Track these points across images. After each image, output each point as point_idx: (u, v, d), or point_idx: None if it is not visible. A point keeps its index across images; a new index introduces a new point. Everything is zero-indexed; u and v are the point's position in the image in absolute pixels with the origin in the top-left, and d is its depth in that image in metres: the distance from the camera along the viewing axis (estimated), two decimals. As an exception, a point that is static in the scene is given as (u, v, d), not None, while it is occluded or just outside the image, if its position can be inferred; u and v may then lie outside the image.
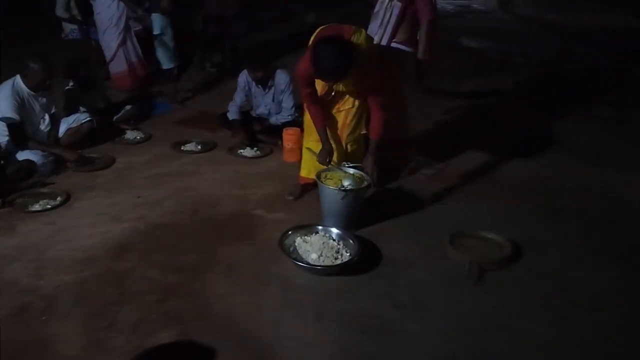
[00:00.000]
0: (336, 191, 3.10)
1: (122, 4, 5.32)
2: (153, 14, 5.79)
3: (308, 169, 3.51)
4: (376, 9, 3.80)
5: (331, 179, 3.23)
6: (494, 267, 2.91)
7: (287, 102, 4.51)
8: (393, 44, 3.71)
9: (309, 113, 3.30)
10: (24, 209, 3.41)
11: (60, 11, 6.27)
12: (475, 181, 3.97)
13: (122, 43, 5.41)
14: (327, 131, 3.28)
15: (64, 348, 2.26)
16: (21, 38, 7.18)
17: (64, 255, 2.92)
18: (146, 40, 5.86)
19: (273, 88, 4.52)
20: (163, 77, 6.09)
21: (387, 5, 3.67)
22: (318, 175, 3.23)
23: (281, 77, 4.46)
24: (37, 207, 3.44)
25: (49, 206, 3.46)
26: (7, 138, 3.82)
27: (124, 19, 5.37)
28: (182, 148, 4.50)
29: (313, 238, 3.03)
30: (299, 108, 4.50)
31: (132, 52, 5.52)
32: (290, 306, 2.58)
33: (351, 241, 2.98)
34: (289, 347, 2.31)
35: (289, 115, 4.52)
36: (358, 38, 3.05)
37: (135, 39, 5.52)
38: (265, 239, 3.14)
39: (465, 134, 4.96)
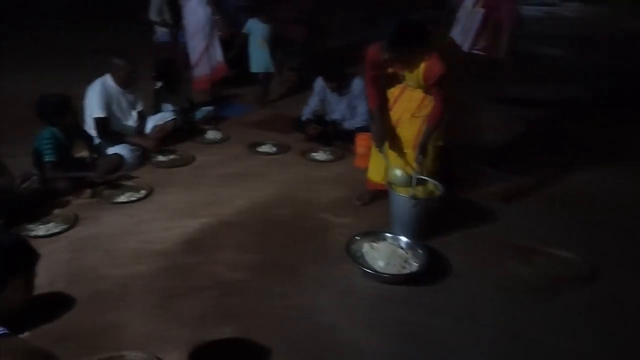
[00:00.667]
0: (408, 199, 3.04)
1: (208, 10, 5.51)
2: (251, 19, 5.87)
3: (376, 172, 3.47)
4: (458, 15, 3.70)
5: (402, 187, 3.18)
6: (566, 285, 2.75)
7: (361, 108, 4.49)
8: (474, 51, 3.60)
9: (367, 93, 3.30)
10: (110, 200, 3.63)
11: (153, 15, 6.62)
12: (544, 194, 3.82)
13: (207, 47, 5.61)
14: (401, 136, 3.23)
15: (132, 335, 2.37)
16: (116, 41, 7.68)
17: (140, 247, 3.07)
18: (232, 42, 6.01)
19: (348, 94, 4.53)
20: (248, 79, 6.20)
21: (470, 11, 3.57)
22: (390, 183, 3.19)
23: (357, 84, 4.46)
24: (122, 198, 3.65)
25: (133, 198, 3.66)
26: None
27: (210, 24, 5.58)
28: (257, 149, 4.61)
29: (381, 245, 2.99)
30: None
31: (215, 56, 5.72)
32: (348, 311, 2.57)
33: (420, 251, 2.91)
34: (342, 352, 2.30)
35: (362, 121, 4.50)
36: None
37: (218, 43, 5.70)
38: (330, 242, 3.14)
39: (534, 145, 4.77)
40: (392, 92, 3.29)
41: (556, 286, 2.76)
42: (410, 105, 3.25)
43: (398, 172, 3.21)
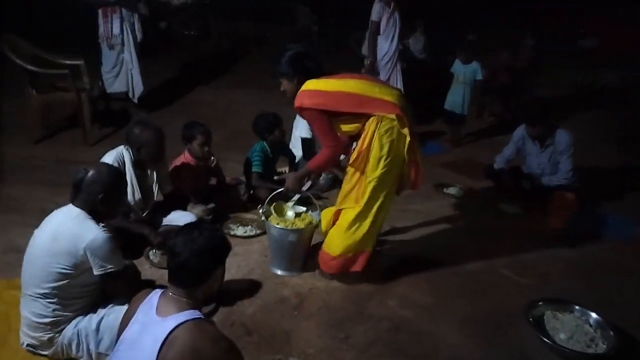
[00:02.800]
0: (278, 229, 3.03)
1: (395, 44, 5.66)
2: (457, 60, 5.90)
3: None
4: None
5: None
6: None
7: (565, 165, 4.19)
8: None
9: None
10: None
11: (365, 50, 7.06)
12: None
13: (387, 80, 5.76)
14: None
15: (303, 345, 2.54)
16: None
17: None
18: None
19: (551, 147, 4.27)
20: (447, 117, 6.10)
21: None
22: (267, 212, 3.20)
23: (562, 137, 4.18)
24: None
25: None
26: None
27: (395, 58, 5.73)
28: (444, 190, 4.59)
29: (566, 317, 2.78)
30: (577, 172, 4.18)
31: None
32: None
33: (611, 332, 2.63)
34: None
35: (564, 179, 4.20)
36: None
37: (400, 76, 5.80)
38: (506, 301, 3.00)
39: None
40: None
41: None
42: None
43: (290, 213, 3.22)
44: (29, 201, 3.78)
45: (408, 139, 2.82)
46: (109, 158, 3.05)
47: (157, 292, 1.77)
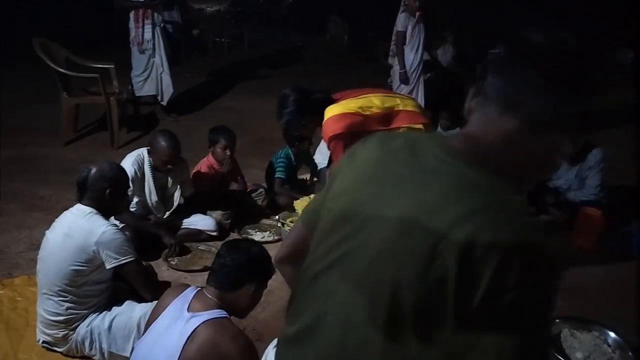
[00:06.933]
0: None
1: (419, 55, 5.63)
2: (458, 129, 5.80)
3: None
4: None
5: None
6: None
7: (593, 180, 4.08)
8: None
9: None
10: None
11: (390, 59, 7.07)
12: None
13: (410, 92, 5.73)
14: None
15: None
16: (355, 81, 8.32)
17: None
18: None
19: (581, 163, 4.15)
20: None
21: None
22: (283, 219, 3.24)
23: (593, 153, 4.07)
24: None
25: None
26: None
27: (419, 69, 5.70)
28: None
29: (583, 336, 2.68)
30: (605, 188, 4.07)
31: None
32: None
33: (630, 353, 2.53)
34: None
35: (591, 195, 4.09)
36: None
37: (422, 92, 5.76)
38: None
39: None
40: None
41: None
42: None
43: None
44: (55, 201, 3.89)
45: None
46: (131, 158, 3.14)
47: (192, 289, 1.88)
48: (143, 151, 3.23)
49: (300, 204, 3.25)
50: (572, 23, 10.27)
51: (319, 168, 4.47)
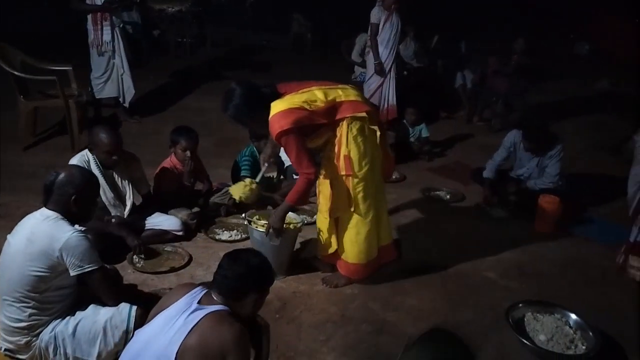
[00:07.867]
0: (260, 232, 3.03)
1: (389, 49, 5.67)
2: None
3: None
4: None
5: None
6: None
7: (553, 169, 4.20)
8: None
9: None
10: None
11: (355, 56, 7.11)
12: None
13: (379, 86, 5.80)
14: None
15: (283, 348, 2.55)
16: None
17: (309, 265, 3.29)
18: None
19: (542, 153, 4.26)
20: None
21: None
22: (250, 217, 3.21)
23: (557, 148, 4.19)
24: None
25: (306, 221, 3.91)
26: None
27: (389, 63, 5.75)
28: (430, 194, 4.60)
29: (546, 318, 2.78)
30: (563, 176, 4.20)
31: (386, 98, 5.87)
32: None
33: (590, 333, 2.63)
34: None
35: (550, 183, 4.21)
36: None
37: (392, 87, 5.84)
38: (490, 304, 3.00)
39: None
40: None
41: None
42: None
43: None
44: (16, 207, 3.78)
45: (379, 132, 2.88)
46: (75, 160, 3.10)
47: (201, 289, 1.97)
48: (85, 152, 3.19)
49: (236, 190, 3.30)
50: (533, 17, 10.60)
51: (285, 166, 4.48)
